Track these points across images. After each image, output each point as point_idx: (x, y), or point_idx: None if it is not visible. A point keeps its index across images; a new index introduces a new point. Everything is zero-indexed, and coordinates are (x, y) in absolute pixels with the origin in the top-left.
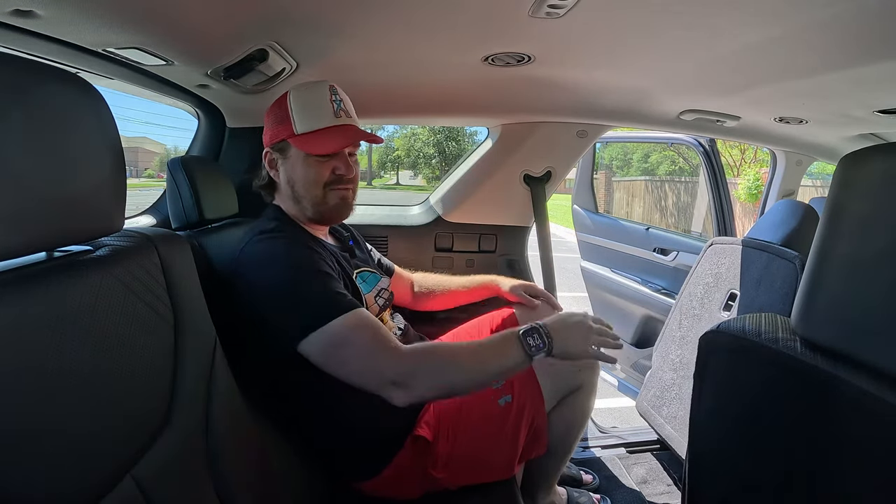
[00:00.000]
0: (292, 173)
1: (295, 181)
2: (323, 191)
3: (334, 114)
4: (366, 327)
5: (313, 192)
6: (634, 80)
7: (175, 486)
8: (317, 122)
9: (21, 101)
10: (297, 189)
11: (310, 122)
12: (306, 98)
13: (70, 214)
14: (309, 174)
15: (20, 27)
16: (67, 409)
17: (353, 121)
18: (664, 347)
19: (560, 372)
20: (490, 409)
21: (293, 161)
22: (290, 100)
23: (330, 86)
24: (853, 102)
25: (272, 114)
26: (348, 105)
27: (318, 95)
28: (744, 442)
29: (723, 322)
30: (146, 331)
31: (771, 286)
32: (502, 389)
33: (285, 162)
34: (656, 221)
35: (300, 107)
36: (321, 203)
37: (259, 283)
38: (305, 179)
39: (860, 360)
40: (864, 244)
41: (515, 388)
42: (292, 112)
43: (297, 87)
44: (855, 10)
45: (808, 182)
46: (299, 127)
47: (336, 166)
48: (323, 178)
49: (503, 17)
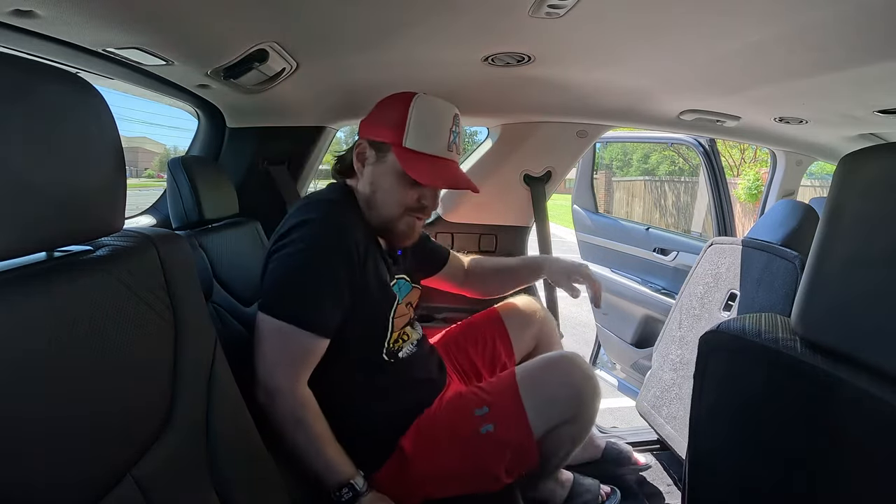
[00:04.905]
0: (380, 180)
1: (378, 189)
2: (400, 212)
3: (447, 146)
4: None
5: (390, 210)
6: (634, 80)
7: (175, 485)
8: (428, 145)
9: (21, 101)
10: (377, 197)
11: (421, 142)
12: (429, 116)
13: (70, 214)
14: (395, 191)
15: (20, 27)
16: (67, 410)
17: (459, 158)
18: (664, 347)
19: (553, 401)
20: (470, 438)
21: (386, 169)
22: (413, 108)
23: (455, 114)
24: (853, 102)
25: (386, 110)
26: (461, 140)
27: (440, 119)
28: (744, 442)
29: (723, 322)
30: (146, 331)
31: (771, 286)
32: (484, 418)
33: (377, 165)
34: (656, 221)
35: (419, 121)
36: (391, 222)
37: (279, 248)
38: (389, 194)
39: (860, 360)
40: (864, 244)
41: (499, 417)
42: (409, 122)
43: (423, 99)
44: (855, 10)
45: (808, 182)
46: (410, 141)
47: (424, 195)
48: (406, 202)
49: (503, 17)
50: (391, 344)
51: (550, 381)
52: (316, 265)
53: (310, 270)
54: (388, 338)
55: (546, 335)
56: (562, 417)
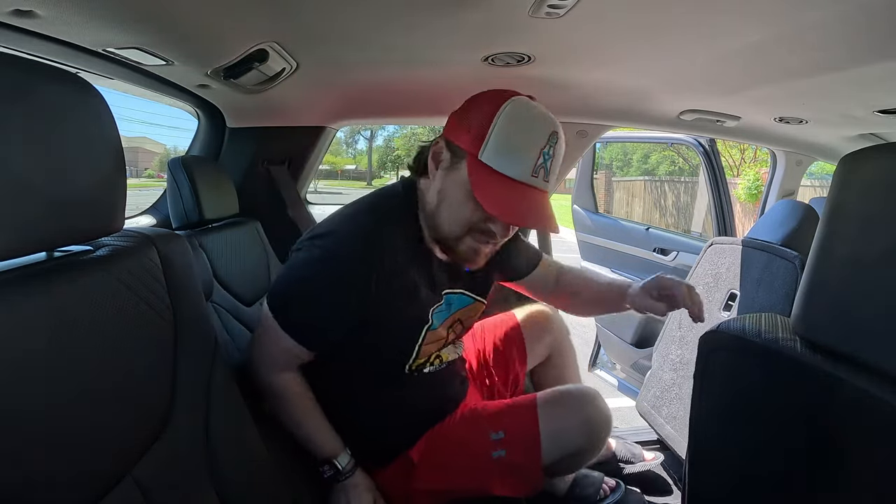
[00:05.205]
0: (449, 190)
1: (443, 200)
2: (463, 233)
3: (532, 170)
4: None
5: (452, 228)
6: (634, 80)
7: (175, 486)
8: (508, 165)
9: (21, 101)
10: (441, 209)
11: (500, 159)
12: (518, 128)
13: (70, 214)
14: (462, 208)
15: (20, 27)
16: (67, 410)
17: (548, 186)
18: (664, 347)
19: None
20: (481, 459)
21: (455, 178)
22: (501, 114)
23: (552, 132)
24: (853, 102)
25: (474, 109)
26: (555, 164)
27: (531, 134)
28: (744, 442)
29: (723, 322)
30: (146, 331)
31: (771, 286)
32: (499, 442)
33: (449, 171)
34: (656, 221)
35: (504, 133)
36: (452, 241)
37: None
38: (456, 210)
39: (860, 360)
40: (864, 244)
41: (513, 444)
42: (493, 130)
43: (518, 105)
44: (855, 10)
45: (808, 182)
46: (488, 155)
47: (493, 220)
48: (472, 223)
49: (503, 17)
50: (413, 364)
51: (569, 417)
52: (321, 285)
53: (313, 288)
54: (411, 362)
55: (560, 346)
56: (574, 450)
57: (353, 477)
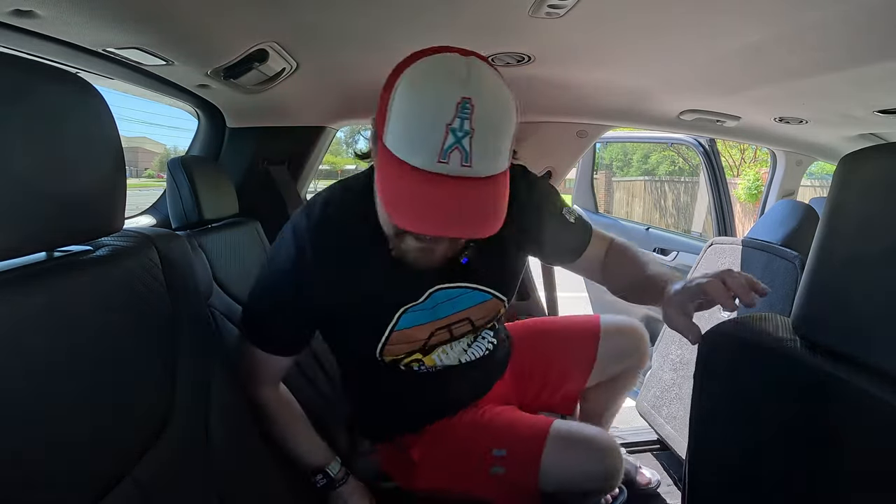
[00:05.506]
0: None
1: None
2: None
3: (439, 154)
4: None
5: (386, 227)
6: (634, 80)
7: (175, 486)
8: (408, 150)
9: (21, 102)
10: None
11: (399, 143)
12: (411, 102)
13: (70, 214)
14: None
15: (20, 27)
16: (67, 410)
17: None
18: (664, 347)
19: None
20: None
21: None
22: (400, 84)
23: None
24: (853, 102)
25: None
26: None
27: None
28: (744, 442)
29: (723, 322)
30: (146, 331)
31: (771, 286)
32: (501, 459)
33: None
34: (656, 221)
35: (400, 110)
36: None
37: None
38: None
39: (860, 360)
40: (864, 244)
41: (513, 465)
42: (392, 104)
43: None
44: (855, 10)
45: (808, 182)
46: (390, 138)
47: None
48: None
49: (503, 17)
50: (387, 362)
51: (582, 465)
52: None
53: (263, 307)
54: (381, 361)
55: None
56: (575, 490)
57: (347, 484)
